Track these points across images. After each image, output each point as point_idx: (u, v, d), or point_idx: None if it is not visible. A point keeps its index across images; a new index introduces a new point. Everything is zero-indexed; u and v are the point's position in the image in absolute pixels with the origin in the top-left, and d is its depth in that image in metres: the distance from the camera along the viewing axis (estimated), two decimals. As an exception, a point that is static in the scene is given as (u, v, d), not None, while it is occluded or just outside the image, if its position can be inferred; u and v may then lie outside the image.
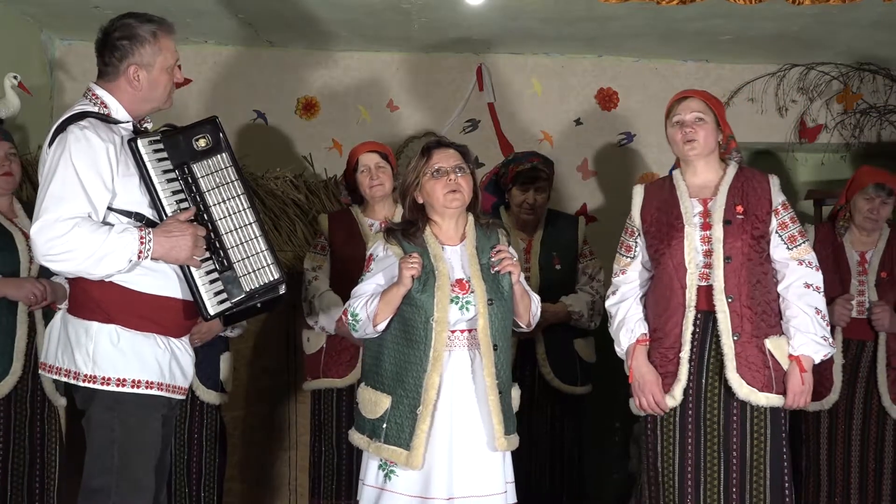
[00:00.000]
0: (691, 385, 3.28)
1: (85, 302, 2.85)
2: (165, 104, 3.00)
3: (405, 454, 3.02)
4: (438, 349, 3.03)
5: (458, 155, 3.19)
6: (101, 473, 2.83)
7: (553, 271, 4.31)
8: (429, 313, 3.04)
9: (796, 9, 4.42)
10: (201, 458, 4.10)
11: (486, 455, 3.08)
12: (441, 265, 3.09)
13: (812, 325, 3.25)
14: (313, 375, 4.16)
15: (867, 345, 4.21)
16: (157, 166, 2.85)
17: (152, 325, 2.86)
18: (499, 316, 3.10)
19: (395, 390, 3.07)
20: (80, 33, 5.25)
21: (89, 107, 2.90)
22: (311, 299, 4.08)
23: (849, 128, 5.63)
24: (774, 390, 3.24)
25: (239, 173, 2.96)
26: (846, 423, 4.23)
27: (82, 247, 2.71)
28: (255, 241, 2.93)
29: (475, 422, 3.09)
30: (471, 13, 4.84)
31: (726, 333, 3.23)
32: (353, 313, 3.10)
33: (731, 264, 3.25)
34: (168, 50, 2.94)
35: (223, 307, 2.88)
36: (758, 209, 3.30)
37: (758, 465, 3.23)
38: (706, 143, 3.35)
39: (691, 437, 3.27)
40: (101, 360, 2.81)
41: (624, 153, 5.64)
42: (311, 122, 5.54)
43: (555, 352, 4.29)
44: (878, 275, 4.22)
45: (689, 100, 3.40)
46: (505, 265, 3.12)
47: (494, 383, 3.06)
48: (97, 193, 2.77)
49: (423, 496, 3.04)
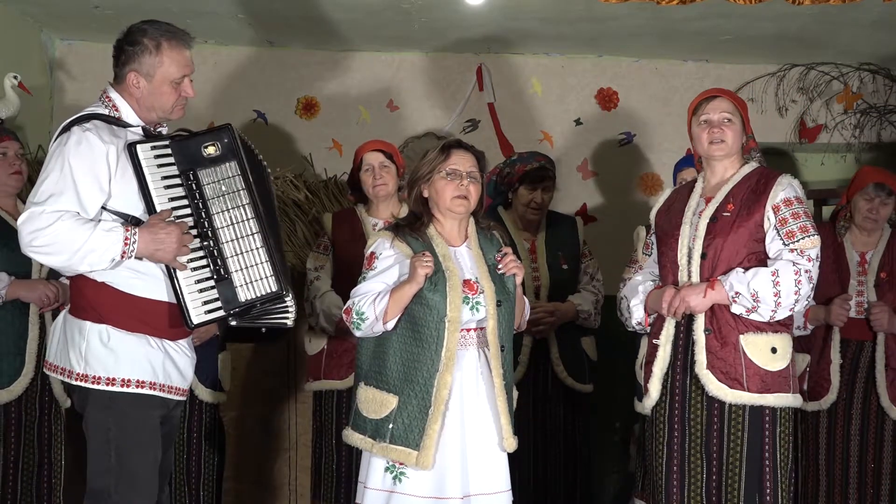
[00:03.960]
0: (677, 385, 3.26)
1: (80, 302, 2.88)
2: (172, 115, 2.98)
3: (415, 454, 3.00)
4: (451, 348, 3.03)
5: (474, 160, 3.18)
6: (101, 474, 2.84)
7: (561, 271, 4.32)
8: (442, 313, 3.03)
9: (796, 9, 4.42)
10: (200, 458, 4.10)
11: (495, 454, 3.10)
12: (451, 265, 3.09)
13: (759, 283, 3.11)
14: (314, 377, 4.15)
15: (866, 345, 4.19)
16: (156, 172, 2.85)
17: (143, 327, 2.87)
18: (506, 317, 3.12)
19: (402, 390, 3.05)
20: (80, 33, 5.26)
21: (100, 109, 2.93)
22: (312, 300, 4.07)
23: (849, 128, 5.63)
24: (746, 388, 3.15)
25: (247, 183, 2.93)
26: (845, 423, 4.21)
27: (65, 240, 2.73)
28: (256, 252, 2.91)
29: (485, 421, 3.10)
30: (471, 13, 4.84)
31: (699, 329, 3.21)
32: (359, 311, 3.07)
33: (706, 261, 3.23)
34: (173, 62, 2.92)
35: (212, 316, 2.87)
36: (751, 207, 3.23)
37: (733, 466, 3.17)
38: (734, 143, 3.30)
39: (677, 436, 3.25)
40: (92, 360, 2.83)
41: (624, 153, 5.64)
42: (311, 122, 5.54)
43: (566, 351, 4.30)
44: (877, 275, 4.21)
45: (718, 99, 3.33)
46: (510, 267, 3.13)
47: (503, 384, 3.08)
48: (89, 194, 2.79)
49: (438, 496, 3.03)
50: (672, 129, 5.60)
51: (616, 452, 5.22)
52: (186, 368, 3.00)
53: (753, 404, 3.17)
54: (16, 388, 3.77)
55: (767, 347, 3.19)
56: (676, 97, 5.63)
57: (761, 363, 3.18)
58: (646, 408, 3.34)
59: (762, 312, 3.15)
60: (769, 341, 3.20)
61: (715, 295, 3.17)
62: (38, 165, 3.16)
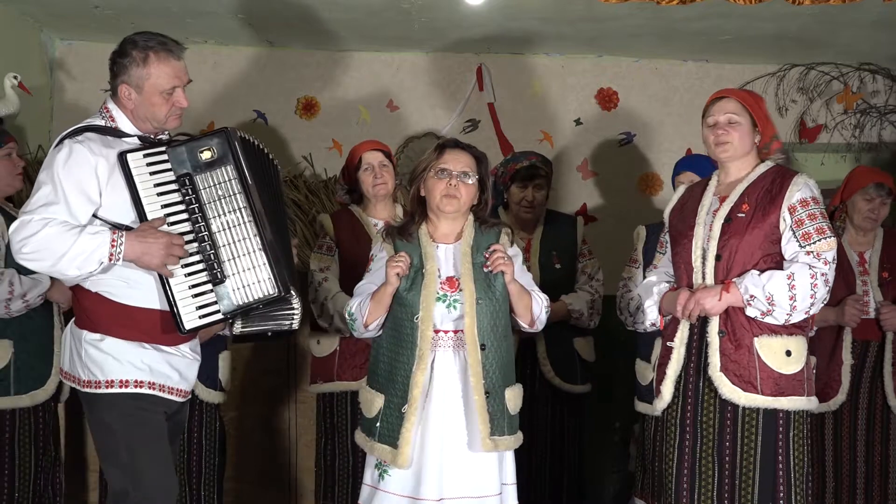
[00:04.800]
0: (690, 388, 3.24)
1: (79, 312, 2.95)
2: (166, 125, 3.01)
3: (392, 453, 3.03)
4: (423, 347, 3.03)
5: (470, 160, 3.16)
6: (117, 476, 2.90)
7: (553, 270, 4.31)
8: (414, 311, 3.05)
9: (796, 9, 4.42)
10: (201, 458, 4.10)
11: (478, 456, 3.06)
12: (430, 263, 3.09)
13: (774, 286, 3.09)
14: (325, 378, 4.10)
15: (872, 344, 4.19)
16: (149, 180, 2.88)
17: (138, 335, 2.91)
18: (487, 315, 3.07)
19: (387, 389, 3.09)
20: (80, 33, 5.26)
21: (97, 120, 2.97)
22: (324, 301, 4.00)
23: (849, 128, 5.63)
24: (760, 391, 3.13)
25: (244, 186, 2.94)
26: (851, 422, 4.20)
27: (52, 246, 2.76)
28: (253, 255, 2.92)
29: (463, 423, 3.07)
30: (471, 13, 4.85)
31: (713, 331, 3.19)
32: (350, 313, 3.13)
33: (721, 262, 3.20)
34: (162, 74, 2.94)
35: (207, 321, 2.88)
36: (767, 207, 3.19)
37: (747, 469, 3.15)
38: (740, 145, 3.26)
39: (689, 438, 3.23)
40: (91, 365, 2.89)
41: (624, 153, 5.64)
42: (311, 122, 5.54)
43: (555, 350, 4.29)
44: (879, 275, 4.21)
45: (724, 100, 3.30)
46: (497, 264, 3.07)
47: (481, 383, 3.03)
48: (78, 204, 2.83)
49: (414, 497, 3.04)
50: (672, 129, 5.61)
51: (616, 452, 5.22)
52: (187, 370, 3.01)
53: (767, 407, 3.14)
54: (49, 387, 3.83)
55: (782, 350, 3.16)
56: (676, 97, 5.64)
57: (775, 366, 3.15)
58: (657, 410, 3.33)
59: (777, 316, 3.12)
60: (784, 344, 3.17)
61: (730, 297, 3.15)
62: (38, 165, 3.17)
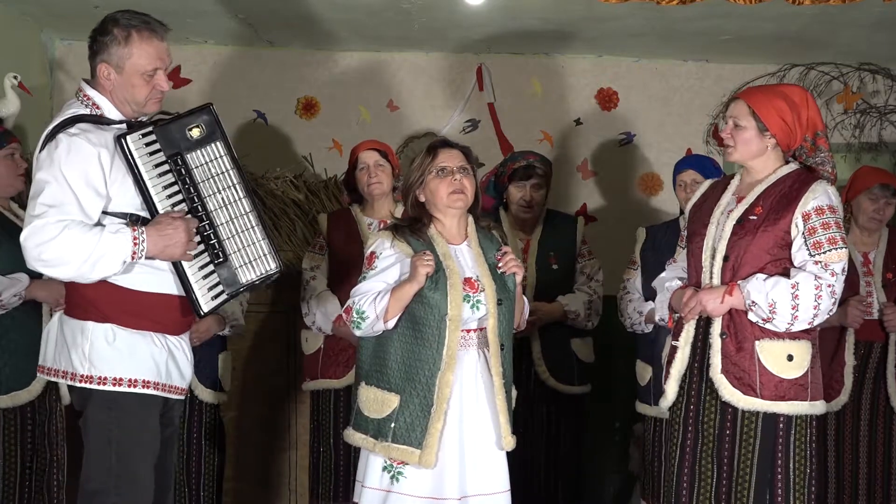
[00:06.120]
0: (693, 388, 3.22)
1: (80, 302, 2.84)
2: (146, 109, 2.89)
3: (417, 453, 3.02)
4: (453, 347, 3.05)
5: (462, 156, 3.22)
6: (99, 475, 2.83)
7: (550, 271, 4.30)
8: (442, 311, 3.06)
9: (796, 9, 4.42)
10: (200, 458, 4.10)
11: (493, 453, 3.11)
12: (451, 263, 3.11)
13: (777, 294, 3.05)
14: (311, 376, 4.16)
15: (875, 346, 4.17)
16: (148, 161, 2.79)
17: (148, 323, 2.85)
18: (506, 316, 3.15)
19: (404, 389, 3.07)
20: (80, 33, 5.19)
21: (80, 109, 2.85)
22: (309, 299, 4.09)
23: (849, 128, 5.63)
24: (760, 395, 3.09)
25: (234, 162, 2.92)
26: (853, 424, 4.19)
27: (75, 250, 2.67)
28: (251, 231, 2.91)
29: (484, 420, 3.11)
30: (471, 13, 4.84)
31: (715, 332, 3.17)
32: (360, 311, 3.08)
33: (728, 263, 3.18)
34: (144, 54, 2.82)
35: (218, 302, 2.86)
36: (780, 212, 3.15)
37: (744, 473, 3.12)
38: (745, 148, 3.22)
39: (690, 438, 3.22)
40: (96, 360, 2.81)
41: (624, 153, 5.64)
42: (311, 122, 5.54)
43: (551, 351, 4.28)
44: (883, 276, 4.20)
45: (734, 103, 3.28)
46: (511, 266, 3.16)
47: (502, 382, 3.10)
48: (89, 201, 2.74)
49: (436, 497, 3.05)
50: (672, 129, 5.61)
51: (616, 452, 5.22)
52: (186, 368, 2.99)
53: (767, 411, 3.10)
54: (34, 388, 3.75)
55: (783, 355, 3.11)
56: (676, 97, 5.63)
57: (775, 371, 3.11)
58: (663, 408, 3.32)
59: (777, 324, 3.08)
60: (786, 348, 3.12)
61: (732, 300, 3.12)
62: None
